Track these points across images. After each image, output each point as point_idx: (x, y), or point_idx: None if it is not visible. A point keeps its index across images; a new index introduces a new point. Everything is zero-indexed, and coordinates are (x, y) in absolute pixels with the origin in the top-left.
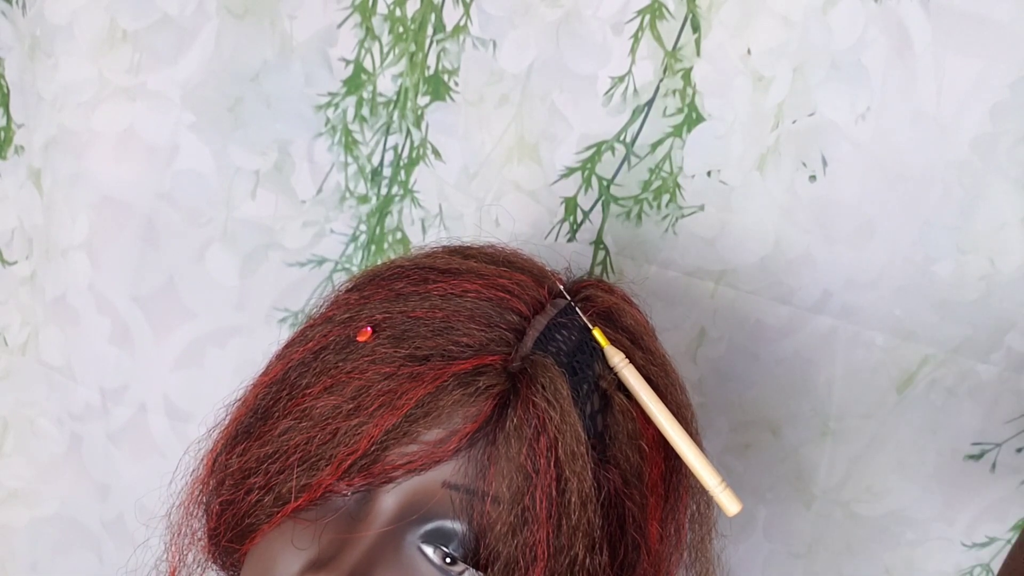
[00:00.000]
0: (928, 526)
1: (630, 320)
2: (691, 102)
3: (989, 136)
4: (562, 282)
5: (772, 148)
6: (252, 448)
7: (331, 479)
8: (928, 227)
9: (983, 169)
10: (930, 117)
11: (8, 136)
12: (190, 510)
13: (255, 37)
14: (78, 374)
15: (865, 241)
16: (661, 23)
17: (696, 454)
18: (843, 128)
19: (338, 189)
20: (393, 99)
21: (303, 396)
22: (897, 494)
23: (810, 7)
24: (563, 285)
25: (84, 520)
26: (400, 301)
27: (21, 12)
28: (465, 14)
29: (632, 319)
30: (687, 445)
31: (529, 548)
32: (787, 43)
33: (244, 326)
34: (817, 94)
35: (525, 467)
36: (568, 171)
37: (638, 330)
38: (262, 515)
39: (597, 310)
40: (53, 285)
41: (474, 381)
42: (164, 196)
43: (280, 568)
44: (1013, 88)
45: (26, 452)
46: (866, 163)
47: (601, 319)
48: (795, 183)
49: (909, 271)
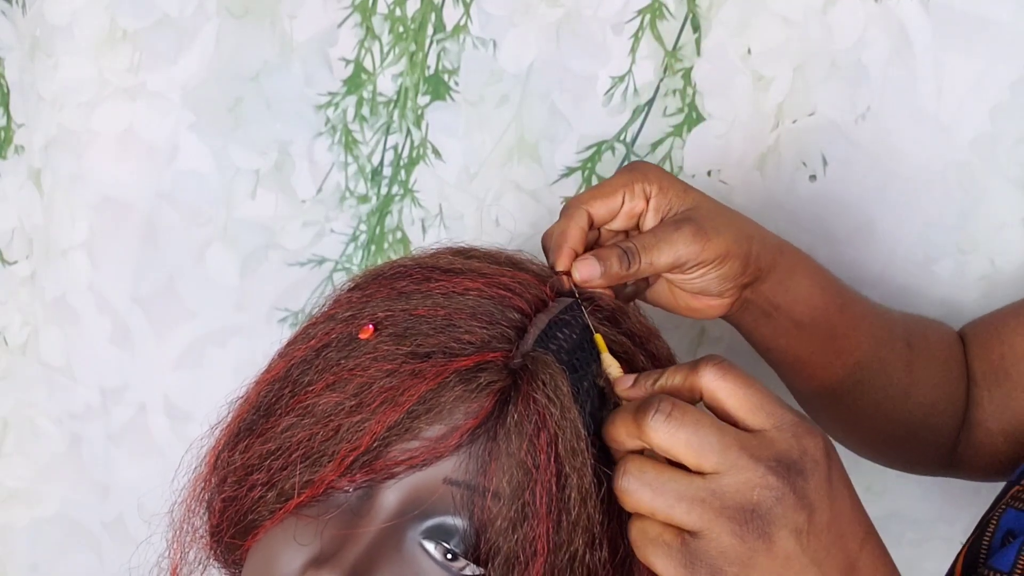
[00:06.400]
0: (928, 526)
1: (634, 322)
2: (691, 102)
3: (989, 136)
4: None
5: (772, 148)
6: (255, 445)
7: (333, 475)
8: (928, 227)
9: (983, 169)
10: (930, 117)
11: (8, 136)
12: (192, 507)
13: (255, 37)
14: (78, 374)
15: (865, 241)
16: (661, 23)
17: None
18: (843, 128)
19: (338, 189)
20: (393, 99)
21: (305, 393)
22: (897, 494)
23: (810, 7)
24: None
25: (84, 520)
26: (402, 299)
27: (21, 12)
28: (465, 14)
29: (636, 322)
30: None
31: (529, 543)
32: (787, 43)
33: (244, 326)
34: (817, 94)
35: (526, 463)
36: (568, 171)
37: (642, 333)
38: (264, 511)
39: (602, 311)
40: (53, 285)
41: (475, 377)
42: (164, 196)
43: (282, 564)
44: (1013, 88)
45: (26, 452)
46: (866, 163)
47: (606, 321)
48: (795, 183)
49: (909, 271)
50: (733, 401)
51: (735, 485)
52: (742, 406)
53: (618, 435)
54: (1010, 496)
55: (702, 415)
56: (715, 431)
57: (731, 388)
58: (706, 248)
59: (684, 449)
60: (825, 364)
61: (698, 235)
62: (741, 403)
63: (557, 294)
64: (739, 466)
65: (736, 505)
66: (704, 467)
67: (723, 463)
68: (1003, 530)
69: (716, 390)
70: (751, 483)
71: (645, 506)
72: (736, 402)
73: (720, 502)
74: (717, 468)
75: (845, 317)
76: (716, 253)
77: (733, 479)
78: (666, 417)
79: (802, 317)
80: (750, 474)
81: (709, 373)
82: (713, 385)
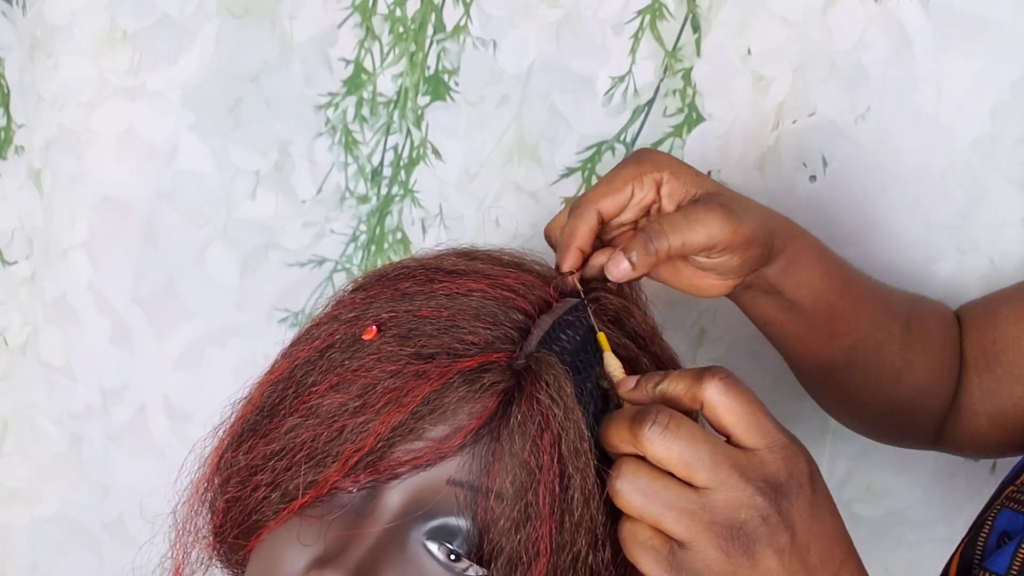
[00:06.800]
0: (928, 527)
1: (638, 323)
2: (691, 102)
3: (989, 136)
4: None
5: (772, 148)
6: (259, 446)
7: (337, 475)
8: (928, 227)
9: (983, 169)
10: (930, 117)
11: (8, 136)
12: (195, 508)
13: (255, 37)
14: (78, 374)
15: (865, 241)
16: (661, 23)
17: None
18: (843, 128)
19: (338, 189)
20: (393, 99)
21: (309, 394)
22: (897, 494)
23: (810, 8)
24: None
25: (84, 520)
26: (406, 300)
27: (21, 12)
28: (465, 14)
29: (640, 323)
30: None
31: (532, 544)
32: (787, 44)
33: (244, 326)
34: (817, 94)
35: (529, 463)
36: (568, 171)
37: (646, 334)
38: (268, 512)
39: (606, 312)
40: (53, 285)
41: (479, 378)
42: (164, 196)
43: (286, 564)
44: (1013, 88)
45: (26, 452)
46: (866, 163)
47: (610, 323)
48: (795, 183)
49: (909, 271)
50: (731, 418)
51: (724, 502)
52: (739, 424)
53: (612, 440)
54: (1005, 496)
55: (697, 430)
56: (708, 448)
57: (731, 405)
58: (737, 231)
59: (677, 462)
60: (821, 343)
61: (730, 218)
62: (739, 421)
63: (561, 294)
64: (729, 484)
65: (724, 521)
66: (695, 481)
67: (714, 480)
68: (998, 531)
69: (717, 405)
70: (739, 502)
71: (636, 510)
72: (734, 419)
73: (709, 516)
74: (708, 484)
75: (845, 301)
76: (746, 236)
77: (723, 496)
78: (663, 429)
79: (803, 301)
80: (739, 493)
81: (712, 387)
82: (715, 400)
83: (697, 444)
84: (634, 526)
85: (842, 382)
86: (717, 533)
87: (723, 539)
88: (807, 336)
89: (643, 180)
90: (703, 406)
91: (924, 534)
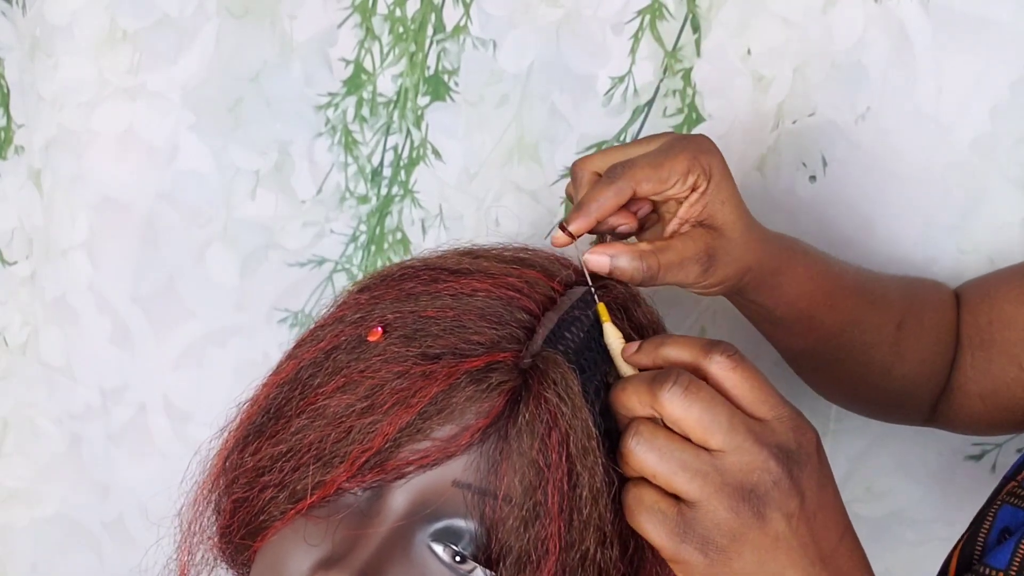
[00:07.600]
0: (928, 527)
1: (643, 315)
2: (691, 102)
3: (989, 136)
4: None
5: (772, 148)
6: (265, 447)
7: (345, 476)
8: (928, 227)
9: (983, 169)
10: (930, 117)
11: (8, 136)
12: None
13: (255, 37)
14: (78, 374)
15: (865, 241)
16: (661, 23)
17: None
18: (843, 128)
19: (338, 189)
20: (393, 99)
21: (316, 395)
22: (897, 494)
23: (810, 8)
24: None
25: (84, 520)
26: (411, 301)
27: (21, 12)
28: (465, 14)
29: (646, 315)
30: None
31: (541, 542)
32: (787, 44)
33: (244, 326)
34: (817, 95)
35: (537, 462)
36: (568, 171)
37: (651, 326)
38: (275, 512)
39: (613, 300)
40: (53, 285)
41: (486, 377)
42: (164, 196)
43: (292, 565)
44: (1013, 88)
45: (26, 452)
46: (866, 163)
47: (618, 310)
48: (795, 183)
49: (909, 271)
50: (739, 391)
51: (738, 465)
52: (747, 396)
53: (629, 400)
54: (1006, 492)
55: (716, 394)
56: (726, 412)
57: (739, 380)
58: (707, 278)
59: (696, 424)
60: (806, 346)
61: (708, 270)
62: (747, 394)
63: (566, 287)
64: (744, 448)
65: (736, 483)
66: (710, 444)
67: (729, 443)
68: (999, 527)
69: (724, 380)
70: (753, 465)
71: (649, 468)
72: (741, 392)
73: (721, 478)
74: (723, 447)
75: (831, 314)
76: (714, 282)
77: (737, 459)
78: (683, 391)
79: (783, 315)
80: (753, 457)
81: (720, 362)
82: (722, 375)
83: (716, 407)
84: (640, 491)
85: (829, 372)
86: (729, 494)
87: (735, 500)
88: (791, 340)
89: (688, 179)
90: (708, 380)
91: (924, 534)
